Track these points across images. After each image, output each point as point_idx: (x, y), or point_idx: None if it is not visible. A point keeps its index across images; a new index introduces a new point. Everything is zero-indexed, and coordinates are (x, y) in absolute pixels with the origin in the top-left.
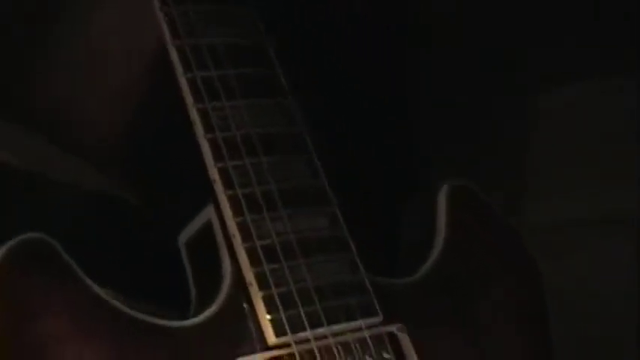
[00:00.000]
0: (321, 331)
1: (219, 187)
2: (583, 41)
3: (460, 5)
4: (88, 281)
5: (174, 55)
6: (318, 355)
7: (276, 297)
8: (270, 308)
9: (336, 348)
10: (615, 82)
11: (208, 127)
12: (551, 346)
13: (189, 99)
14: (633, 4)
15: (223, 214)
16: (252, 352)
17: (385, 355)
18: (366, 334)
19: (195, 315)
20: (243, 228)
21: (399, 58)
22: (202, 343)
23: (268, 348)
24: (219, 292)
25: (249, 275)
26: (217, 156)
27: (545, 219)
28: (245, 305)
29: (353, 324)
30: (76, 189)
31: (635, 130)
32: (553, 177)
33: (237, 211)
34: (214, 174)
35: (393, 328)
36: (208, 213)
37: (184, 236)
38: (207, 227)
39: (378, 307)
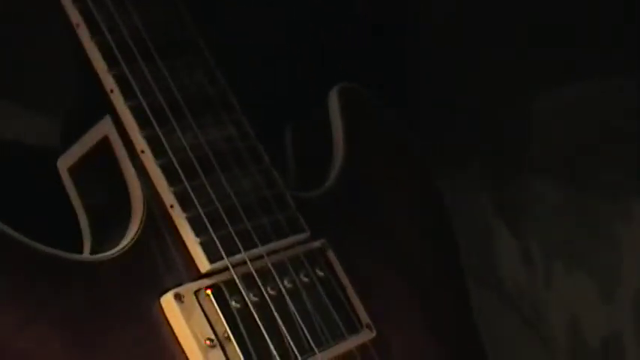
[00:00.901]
0: (256, 251)
1: (118, 98)
2: (583, 41)
3: (460, 5)
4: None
5: None
6: (257, 278)
7: (203, 217)
8: (198, 230)
9: (273, 269)
10: (615, 82)
11: (95, 29)
12: (453, 253)
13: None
14: (633, 4)
15: (126, 128)
16: (181, 282)
17: (319, 272)
18: (299, 251)
19: (97, 250)
20: (153, 141)
21: (399, 58)
22: (121, 279)
23: (201, 276)
24: (131, 220)
25: (168, 196)
26: (111, 61)
27: (544, 216)
28: (165, 231)
29: (284, 241)
30: None
31: (635, 130)
32: (552, 176)
33: (143, 122)
34: (110, 82)
35: (318, 243)
36: (104, 128)
37: (67, 160)
38: (101, 146)
39: (304, 223)
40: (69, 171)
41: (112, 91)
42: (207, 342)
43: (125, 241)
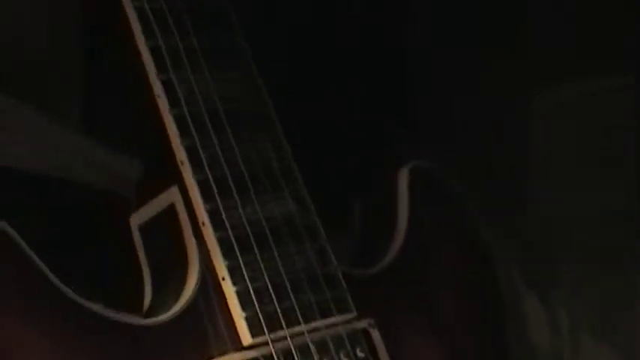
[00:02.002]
0: (298, 328)
1: (187, 169)
2: (583, 41)
3: (460, 5)
4: (50, 274)
5: (134, 20)
6: (295, 355)
7: (251, 292)
8: (245, 305)
9: (314, 346)
10: (615, 81)
11: (174, 101)
12: (504, 339)
13: (151, 69)
14: (633, 4)
15: (191, 199)
16: (225, 352)
17: (359, 353)
18: (342, 330)
19: (154, 307)
20: (214, 215)
21: (399, 58)
22: (167, 344)
23: (243, 348)
24: (185, 285)
25: (221, 269)
26: (185, 133)
27: (544, 218)
28: (215, 301)
29: (329, 320)
30: (17, 171)
31: (635, 129)
32: (553, 176)
33: (207, 196)
34: (182, 154)
35: (365, 323)
36: (172, 196)
37: (139, 218)
38: (169, 211)
39: (351, 303)
40: (139, 228)
41: (182, 162)
42: None
43: (177, 307)
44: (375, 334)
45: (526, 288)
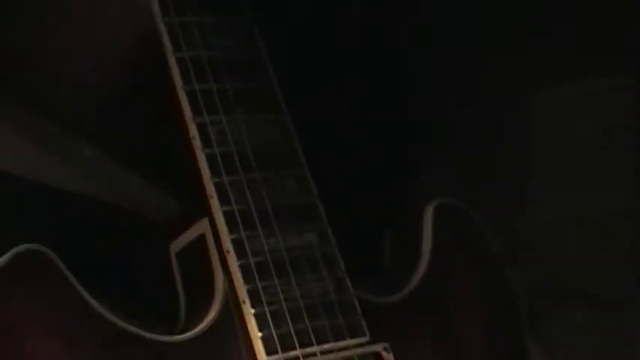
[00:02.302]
0: (310, 349)
1: (215, 203)
2: (583, 41)
3: (460, 5)
4: (84, 292)
5: (174, 67)
6: None
7: (267, 315)
8: (262, 326)
9: None
10: (615, 81)
11: (206, 142)
12: None
13: (187, 112)
14: (633, 4)
15: (218, 229)
16: None
17: None
18: (354, 353)
19: (185, 326)
20: (238, 244)
21: (399, 58)
22: (192, 358)
23: None
24: (211, 306)
25: (242, 292)
26: (214, 171)
27: (544, 217)
28: (236, 321)
29: (341, 343)
30: (66, 195)
31: (635, 129)
32: (553, 176)
33: (232, 227)
34: (211, 189)
35: (379, 347)
36: (202, 226)
37: (177, 246)
38: (201, 240)
39: (365, 327)
40: (176, 255)
41: (211, 197)
42: None
43: (202, 325)
44: (389, 358)
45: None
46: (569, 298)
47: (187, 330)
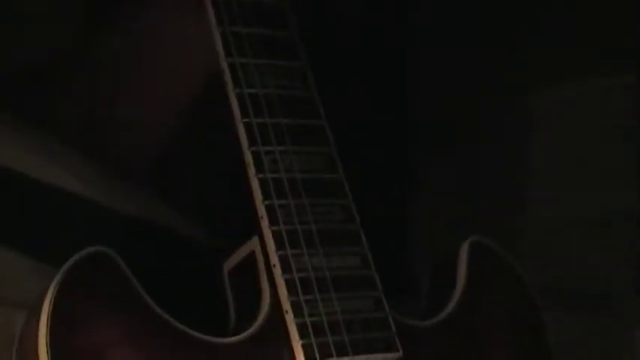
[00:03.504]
0: (345, 359)
1: (265, 223)
2: (583, 41)
3: (460, 5)
4: (145, 295)
5: (234, 103)
6: None
7: (308, 325)
8: (303, 334)
9: None
10: (615, 82)
11: (259, 168)
12: None
13: (244, 142)
14: (633, 4)
15: (267, 247)
16: None
17: None
18: None
19: (234, 332)
20: (283, 260)
21: (399, 58)
22: (238, 359)
23: None
24: (259, 315)
25: (286, 303)
26: (266, 194)
27: (544, 218)
28: (281, 330)
29: (375, 356)
30: (119, 215)
31: (635, 130)
32: (552, 176)
33: (279, 244)
34: (262, 210)
35: None
36: (253, 244)
37: (229, 264)
38: (251, 257)
39: (398, 344)
40: (228, 273)
41: (262, 217)
42: None
43: (249, 331)
44: None
45: None
46: (568, 298)
47: (237, 334)
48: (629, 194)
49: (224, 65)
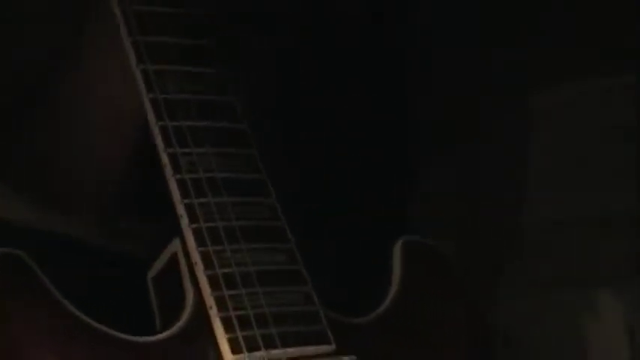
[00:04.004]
0: (275, 352)
1: (184, 221)
2: (583, 41)
3: (460, 5)
4: (59, 295)
5: (148, 108)
6: None
7: (233, 319)
8: (228, 329)
9: None
10: (615, 82)
11: (177, 169)
12: None
13: (160, 144)
14: (633, 4)
15: (188, 246)
16: None
17: None
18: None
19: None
20: (205, 257)
21: (399, 58)
22: (164, 357)
23: None
24: (182, 314)
25: (209, 299)
26: (184, 193)
27: (544, 218)
28: (206, 327)
29: (306, 349)
30: (38, 230)
31: (635, 129)
32: (552, 176)
33: (200, 242)
34: (181, 209)
35: (346, 358)
36: (174, 246)
37: (152, 272)
38: (173, 260)
39: (331, 337)
40: (152, 280)
41: (181, 216)
42: None
43: (173, 329)
44: None
45: None
46: (568, 298)
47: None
48: (629, 194)
49: (136, 72)
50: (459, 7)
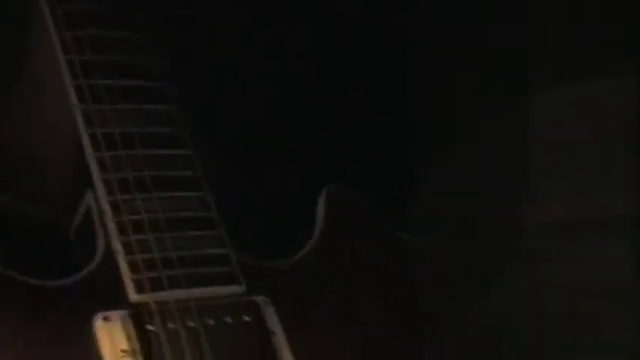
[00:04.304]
0: (179, 292)
1: (95, 173)
2: (583, 41)
3: (460, 5)
4: None
5: (64, 69)
6: (175, 312)
7: (140, 262)
8: (134, 271)
9: (195, 307)
10: (615, 82)
11: (90, 125)
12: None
13: (74, 102)
14: (633, 4)
15: (98, 196)
16: (115, 307)
17: (245, 318)
18: (229, 299)
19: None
20: (113, 205)
21: (399, 58)
22: (69, 301)
23: (130, 305)
24: (92, 261)
25: (116, 244)
26: (95, 146)
27: (544, 219)
28: (113, 271)
29: (213, 289)
30: None
31: (635, 130)
32: (552, 177)
33: (110, 191)
34: (92, 162)
35: (258, 299)
36: (88, 198)
37: (72, 228)
38: (88, 212)
39: (241, 278)
40: (73, 234)
41: (92, 169)
42: (122, 353)
43: (82, 274)
44: (268, 310)
45: None
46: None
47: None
48: (629, 195)
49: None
50: (459, 7)
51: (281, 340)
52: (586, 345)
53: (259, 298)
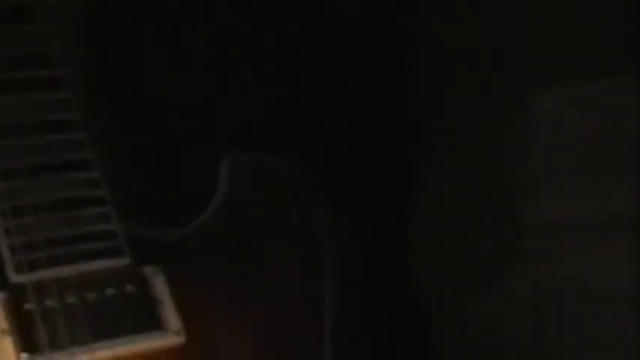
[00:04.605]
0: (60, 270)
1: None
2: (583, 41)
3: (460, 5)
4: None
5: None
6: (54, 290)
7: (19, 244)
8: (14, 253)
9: (75, 284)
10: (615, 82)
11: None
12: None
13: None
14: (633, 4)
15: None
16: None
17: (129, 288)
18: (111, 273)
19: None
20: None
21: (399, 58)
22: None
23: (10, 284)
24: None
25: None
26: None
27: (544, 219)
28: None
29: (95, 264)
30: None
31: (635, 130)
32: (553, 177)
33: None
34: None
35: (145, 268)
36: None
37: None
38: None
39: (126, 250)
40: None
41: None
42: (1, 333)
43: None
44: (159, 278)
45: None
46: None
47: None
48: (629, 195)
49: None
50: (459, 7)
51: (167, 308)
52: (586, 345)
53: (147, 268)
